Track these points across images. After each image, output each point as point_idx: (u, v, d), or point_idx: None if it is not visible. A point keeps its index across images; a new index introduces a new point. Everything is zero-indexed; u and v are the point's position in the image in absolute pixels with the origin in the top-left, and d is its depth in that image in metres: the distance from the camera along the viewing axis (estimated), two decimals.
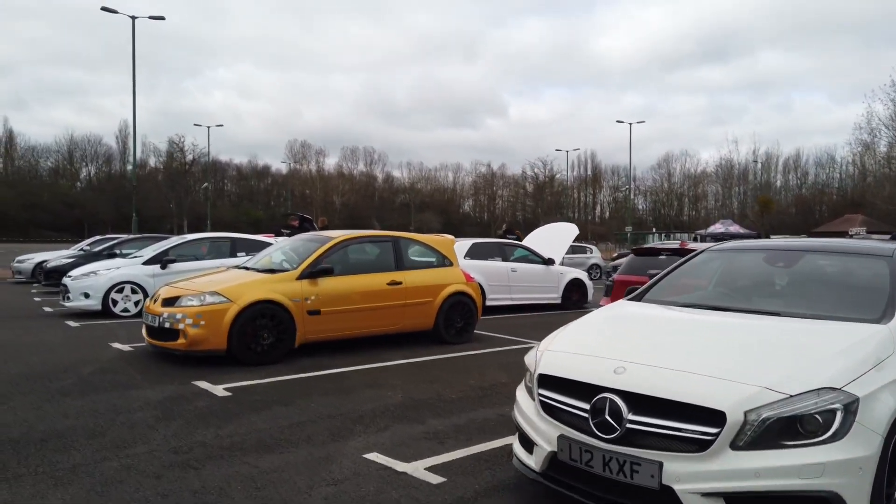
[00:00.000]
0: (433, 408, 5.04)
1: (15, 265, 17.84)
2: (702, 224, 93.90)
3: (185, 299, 6.44)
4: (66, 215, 76.61)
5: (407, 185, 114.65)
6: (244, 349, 6.39)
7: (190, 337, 6.25)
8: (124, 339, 7.93)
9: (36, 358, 6.68)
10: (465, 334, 8.11)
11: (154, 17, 24.41)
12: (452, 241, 8.49)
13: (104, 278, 10.11)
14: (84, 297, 10.06)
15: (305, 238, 7.90)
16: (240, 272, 7.22)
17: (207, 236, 11.65)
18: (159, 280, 10.44)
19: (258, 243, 11.71)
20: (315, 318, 6.86)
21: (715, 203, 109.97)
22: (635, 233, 61.54)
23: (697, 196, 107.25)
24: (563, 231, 12.11)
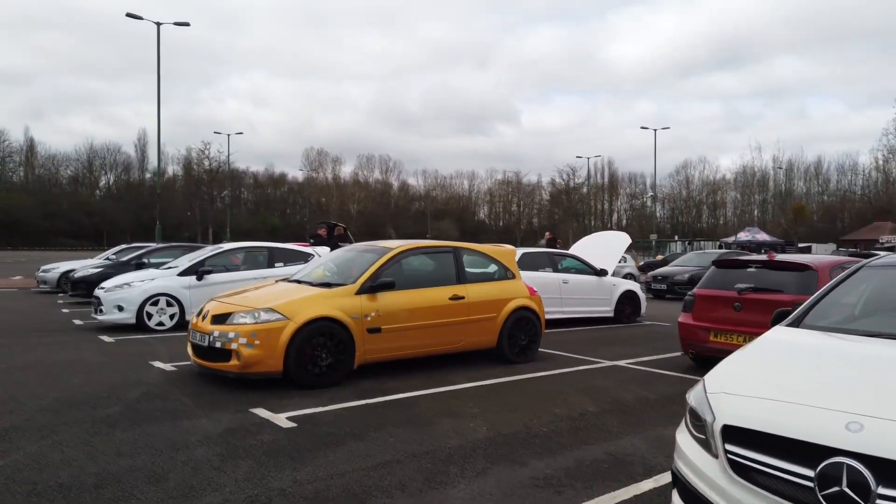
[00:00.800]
0: (528, 444, 4.42)
1: (40, 275, 17.51)
2: (721, 232, 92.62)
3: (237, 316, 5.89)
4: (85, 224, 77.12)
5: (422, 193, 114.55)
6: (301, 371, 5.83)
7: (244, 358, 5.70)
8: (165, 358, 7.40)
9: (75, 380, 6.17)
10: (529, 353, 7.49)
11: (179, 23, 24.21)
12: (513, 251, 7.89)
13: (138, 290, 9.63)
14: (117, 310, 9.58)
15: (360, 248, 7.34)
16: (291, 286, 6.66)
17: (244, 246, 11.16)
18: (195, 292, 9.95)
19: (296, 253, 11.20)
20: (375, 337, 6.29)
21: (734, 210, 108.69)
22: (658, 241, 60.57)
23: (716, 203, 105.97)
24: (615, 240, 11.46)
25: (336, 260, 7.34)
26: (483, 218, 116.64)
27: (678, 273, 17.72)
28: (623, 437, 4.64)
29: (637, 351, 8.45)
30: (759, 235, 47.15)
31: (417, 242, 7.12)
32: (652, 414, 5.30)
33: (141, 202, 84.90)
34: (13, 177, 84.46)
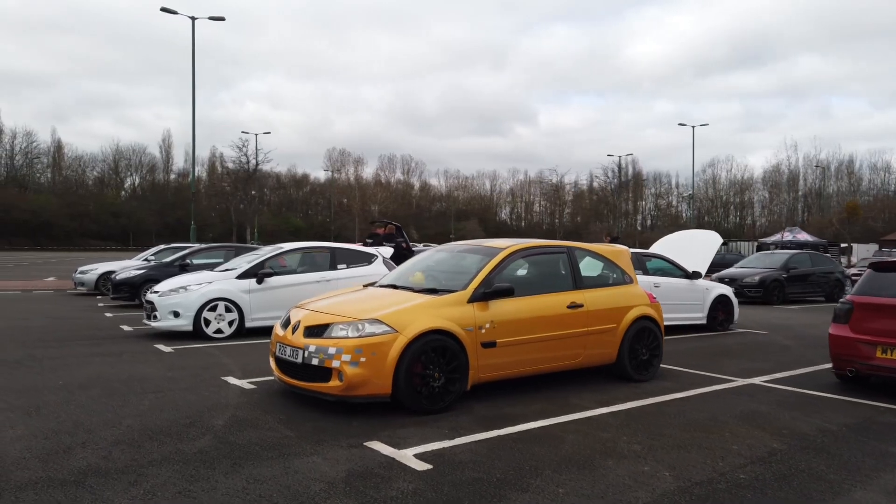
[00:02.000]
0: (739, 500, 3.46)
1: (77, 276, 16.91)
2: (749, 232, 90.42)
3: (336, 328, 5.01)
4: (111, 224, 77.55)
5: (444, 194, 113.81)
6: (412, 394, 4.93)
7: (348, 378, 4.81)
8: (238, 372, 6.56)
9: (146, 401, 5.34)
10: (651, 369, 6.51)
11: (214, 17, 23.62)
12: (628, 252, 6.91)
13: (196, 294, 8.82)
14: (173, 317, 8.78)
15: (460, 249, 6.40)
16: (387, 292, 5.76)
17: (304, 246, 10.32)
18: (255, 297, 9.14)
19: (359, 254, 10.34)
20: (490, 352, 5.36)
21: (761, 210, 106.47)
22: None
23: (743, 203, 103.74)
24: (705, 239, 10.42)
25: (432, 262, 6.43)
26: (504, 218, 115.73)
27: (747, 275, 16.57)
28: (853, 489, 3.66)
29: (762, 366, 7.41)
30: (801, 235, 45.52)
31: (527, 242, 6.18)
32: (857, 453, 4.29)
33: (166, 203, 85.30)
34: (40, 178, 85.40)
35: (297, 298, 9.57)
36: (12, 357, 7.31)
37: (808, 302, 17.00)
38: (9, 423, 4.63)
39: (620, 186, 50.48)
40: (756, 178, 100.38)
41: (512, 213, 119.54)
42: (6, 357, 7.30)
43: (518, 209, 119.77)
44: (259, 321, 9.19)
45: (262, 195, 51.66)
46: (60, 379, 6.16)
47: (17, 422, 4.66)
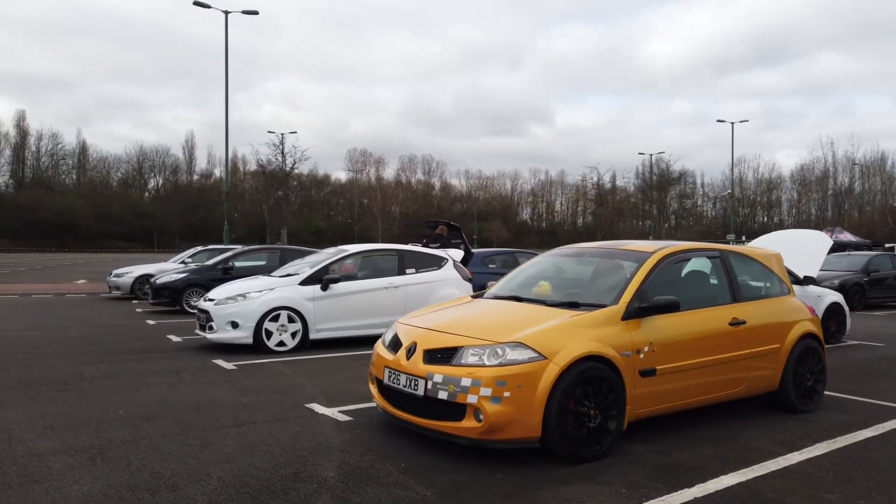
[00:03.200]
0: None
1: (112, 279, 16.18)
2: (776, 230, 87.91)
3: (468, 354, 4.01)
4: (135, 225, 77.73)
5: (464, 194, 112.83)
6: (565, 437, 3.91)
7: (488, 418, 3.81)
8: (321, 398, 5.59)
9: (230, 440, 4.39)
10: (816, 397, 5.41)
11: (247, 11, 22.89)
12: (780, 256, 5.82)
13: (256, 303, 7.90)
14: (231, 328, 7.87)
15: (597, 252, 5.34)
16: (517, 306, 4.72)
17: (369, 248, 9.34)
18: (320, 305, 8.20)
19: (429, 257, 9.36)
20: (648, 382, 4.33)
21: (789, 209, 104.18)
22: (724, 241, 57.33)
23: (771, 202, 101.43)
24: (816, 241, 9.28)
25: (552, 268, 5.41)
26: (525, 218, 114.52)
27: (825, 278, 15.27)
28: None
29: None
30: (843, 235, 43.73)
31: (678, 244, 5.12)
32: None
33: (189, 204, 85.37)
34: (66, 180, 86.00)
35: (365, 307, 8.68)
36: (58, 375, 6.44)
37: (891, 307, 15.69)
38: (71, 473, 3.70)
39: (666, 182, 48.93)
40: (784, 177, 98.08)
41: (533, 214, 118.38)
42: (52, 376, 6.43)
43: (539, 209, 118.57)
44: (324, 332, 8.26)
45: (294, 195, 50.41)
46: (119, 406, 5.25)
47: (82, 472, 3.73)
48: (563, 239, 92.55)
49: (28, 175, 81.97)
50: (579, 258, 5.35)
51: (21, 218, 70.51)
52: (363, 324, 8.52)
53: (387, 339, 4.74)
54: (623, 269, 4.76)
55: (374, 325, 8.60)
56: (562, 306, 4.51)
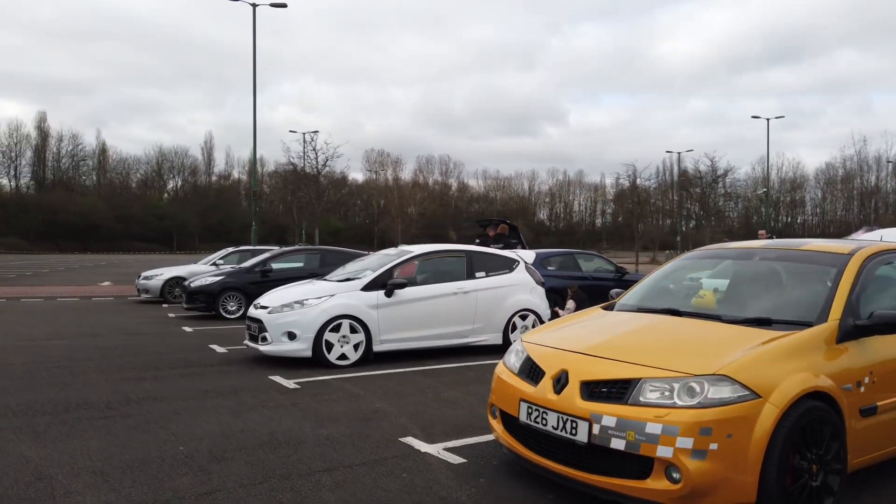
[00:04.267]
0: None
1: (141, 282, 15.42)
2: (799, 231, 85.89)
3: (647, 388, 3.04)
4: (155, 227, 77.68)
5: (482, 194, 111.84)
6: (786, 501, 2.95)
7: (691, 478, 2.83)
8: (414, 428, 4.65)
9: (327, 496, 3.42)
10: None
11: (275, 4, 22.14)
12: None
13: (315, 311, 6.98)
14: (287, 339, 6.97)
15: (764, 251, 4.33)
16: (679, 321, 3.67)
17: (437, 249, 8.37)
18: (384, 314, 7.28)
19: (499, 259, 8.39)
20: (869, 423, 3.33)
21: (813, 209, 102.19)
22: None
23: (794, 201, 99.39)
24: None
25: (707, 272, 4.43)
26: (543, 219, 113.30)
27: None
28: None
29: None
30: None
31: (881, 244, 4.11)
32: None
33: (208, 205, 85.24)
34: (86, 181, 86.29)
35: (432, 315, 7.73)
36: (99, 397, 5.57)
37: None
38: None
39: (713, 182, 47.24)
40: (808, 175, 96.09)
41: (551, 214, 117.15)
42: (92, 397, 5.56)
43: (557, 209, 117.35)
44: (389, 344, 7.33)
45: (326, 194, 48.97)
46: (178, 439, 4.36)
47: None
48: (582, 239, 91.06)
49: (49, 176, 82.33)
50: (745, 261, 4.33)
51: (42, 219, 70.74)
52: (430, 334, 7.59)
53: (513, 362, 3.79)
54: (819, 276, 3.75)
55: (441, 335, 7.68)
56: (746, 324, 3.51)
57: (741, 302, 3.99)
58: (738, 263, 4.32)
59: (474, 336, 7.90)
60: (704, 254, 4.70)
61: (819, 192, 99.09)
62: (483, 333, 7.94)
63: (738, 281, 4.18)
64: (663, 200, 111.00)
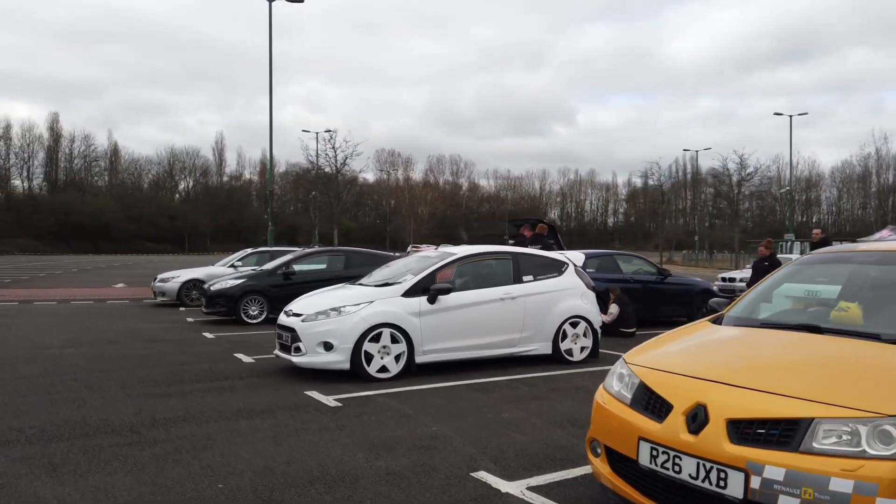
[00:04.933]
0: None
1: (157, 285, 14.90)
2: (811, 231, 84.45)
3: (821, 430, 2.37)
4: (166, 227, 77.59)
5: (492, 194, 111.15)
6: None
7: None
8: (485, 460, 4.03)
9: None
10: None
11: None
12: None
13: (354, 319, 6.37)
14: (323, 350, 6.36)
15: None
16: (826, 340, 3.00)
17: (481, 251, 7.70)
18: (427, 322, 6.66)
19: (548, 262, 7.75)
20: None
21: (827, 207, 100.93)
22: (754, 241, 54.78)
23: (809, 201, 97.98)
24: None
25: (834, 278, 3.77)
26: (554, 218, 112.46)
27: None
28: None
29: None
30: None
31: None
32: None
33: (219, 205, 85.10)
34: (98, 182, 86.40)
35: (477, 323, 7.08)
36: (122, 418, 4.98)
37: None
38: None
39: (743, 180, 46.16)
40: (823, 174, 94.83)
41: (562, 213, 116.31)
42: (114, 418, 4.97)
43: (568, 209, 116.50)
44: (432, 355, 6.71)
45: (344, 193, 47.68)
46: (215, 474, 3.76)
47: None
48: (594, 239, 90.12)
49: (61, 177, 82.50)
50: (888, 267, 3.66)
51: (55, 220, 70.84)
52: (475, 343, 6.96)
53: (619, 390, 3.15)
54: None
55: (487, 345, 7.05)
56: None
57: (879, 310, 3.33)
58: (879, 269, 3.65)
59: (522, 345, 7.26)
60: (824, 258, 4.04)
61: (835, 190, 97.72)
62: (531, 342, 7.31)
63: (881, 290, 3.51)
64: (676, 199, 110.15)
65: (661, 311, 11.54)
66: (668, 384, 2.93)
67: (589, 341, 7.61)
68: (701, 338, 3.49)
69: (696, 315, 11.98)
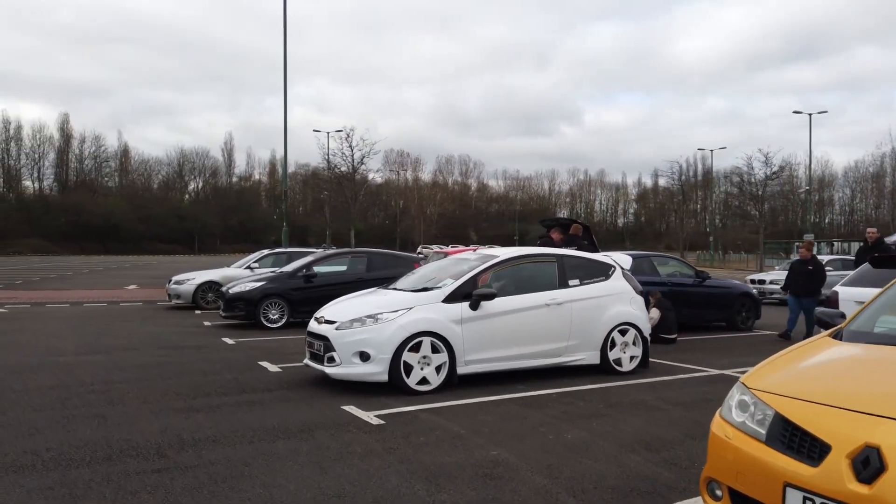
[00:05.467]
0: None
1: (172, 287, 14.49)
2: (828, 232, 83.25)
3: None
4: (176, 228, 77.52)
5: (501, 194, 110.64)
6: None
7: None
8: (565, 493, 3.51)
9: None
10: None
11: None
12: None
13: (392, 327, 5.89)
14: (359, 360, 5.88)
15: None
16: None
17: (526, 253, 7.20)
18: (470, 329, 6.17)
19: (595, 265, 7.24)
20: None
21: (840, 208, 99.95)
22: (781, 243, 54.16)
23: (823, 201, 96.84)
24: None
25: None
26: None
27: None
28: None
29: None
30: None
31: None
32: None
33: (228, 206, 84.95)
34: (108, 182, 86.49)
35: (521, 331, 6.49)
36: (147, 438, 4.52)
37: None
38: None
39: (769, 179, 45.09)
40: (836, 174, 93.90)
41: (571, 214, 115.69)
42: (138, 439, 4.51)
43: (578, 209, 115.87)
44: (474, 366, 6.22)
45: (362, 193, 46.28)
46: None
47: None
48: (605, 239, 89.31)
49: (72, 178, 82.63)
50: None
51: (66, 220, 70.92)
52: (520, 353, 6.47)
53: (744, 421, 2.65)
54: None
55: (532, 354, 6.55)
56: None
57: None
58: None
59: (568, 355, 6.76)
60: None
61: (848, 190, 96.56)
62: (578, 352, 6.81)
63: None
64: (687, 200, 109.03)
65: (700, 316, 11.00)
66: (817, 418, 2.43)
67: (639, 350, 7.09)
68: (833, 357, 2.97)
69: (736, 320, 11.44)
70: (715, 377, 6.96)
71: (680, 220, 53.58)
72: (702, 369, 7.38)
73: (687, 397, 5.94)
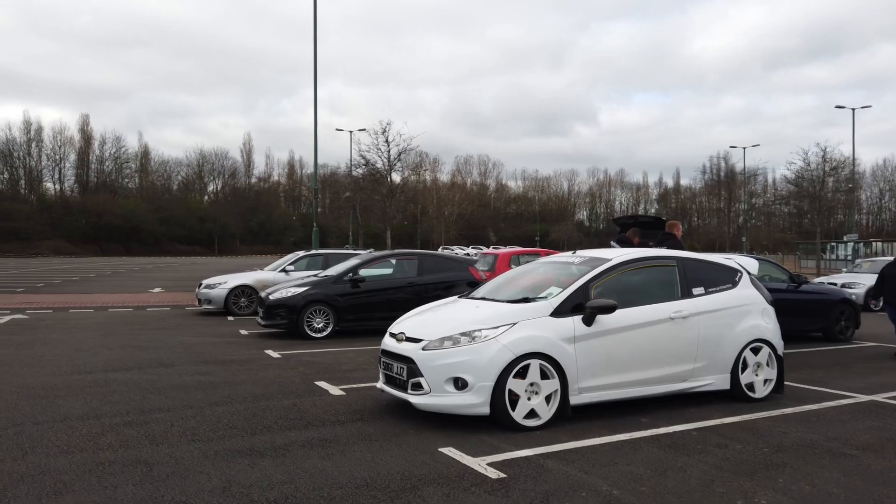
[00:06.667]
0: None
1: (203, 291, 13.52)
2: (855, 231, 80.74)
3: None
4: (196, 229, 77.31)
5: (520, 194, 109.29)
6: None
7: None
8: None
9: None
10: None
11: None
12: None
13: (494, 348, 4.77)
14: (454, 389, 4.77)
15: None
16: None
17: (642, 256, 6.07)
18: (584, 349, 5.04)
19: (721, 270, 6.05)
20: None
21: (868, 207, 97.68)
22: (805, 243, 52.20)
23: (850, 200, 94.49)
24: None
25: None
26: (582, 219, 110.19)
27: None
28: None
29: None
30: None
31: None
32: None
33: (248, 207, 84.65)
34: (129, 183, 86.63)
35: (643, 349, 5.19)
36: (208, 499, 3.44)
37: None
38: None
39: (828, 175, 43.03)
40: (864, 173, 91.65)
41: (591, 214, 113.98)
42: (195, 498, 3.45)
43: (598, 209, 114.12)
44: (589, 395, 5.08)
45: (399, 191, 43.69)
46: None
47: None
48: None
49: (92, 179, 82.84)
50: None
51: (86, 222, 70.94)
52: (640, 378, 5.30)
53: None
54: None
55: (654, 379, 5.39)
56: None
57: None
58: None
59: (695, 379, 5.59)
60: None
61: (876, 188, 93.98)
62: (706, 375, 5.64)
63: None
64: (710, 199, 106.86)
65: (795, 325, 9.74)
66: None
67: (773, 372, 5.90)
68: None
69: (834, 330, 10.18)
70: (869, 406, 5.76)
71: (728, 218, 51.70)
72: (843, 394, 6.18)
73: (865, 437, 4.75)
